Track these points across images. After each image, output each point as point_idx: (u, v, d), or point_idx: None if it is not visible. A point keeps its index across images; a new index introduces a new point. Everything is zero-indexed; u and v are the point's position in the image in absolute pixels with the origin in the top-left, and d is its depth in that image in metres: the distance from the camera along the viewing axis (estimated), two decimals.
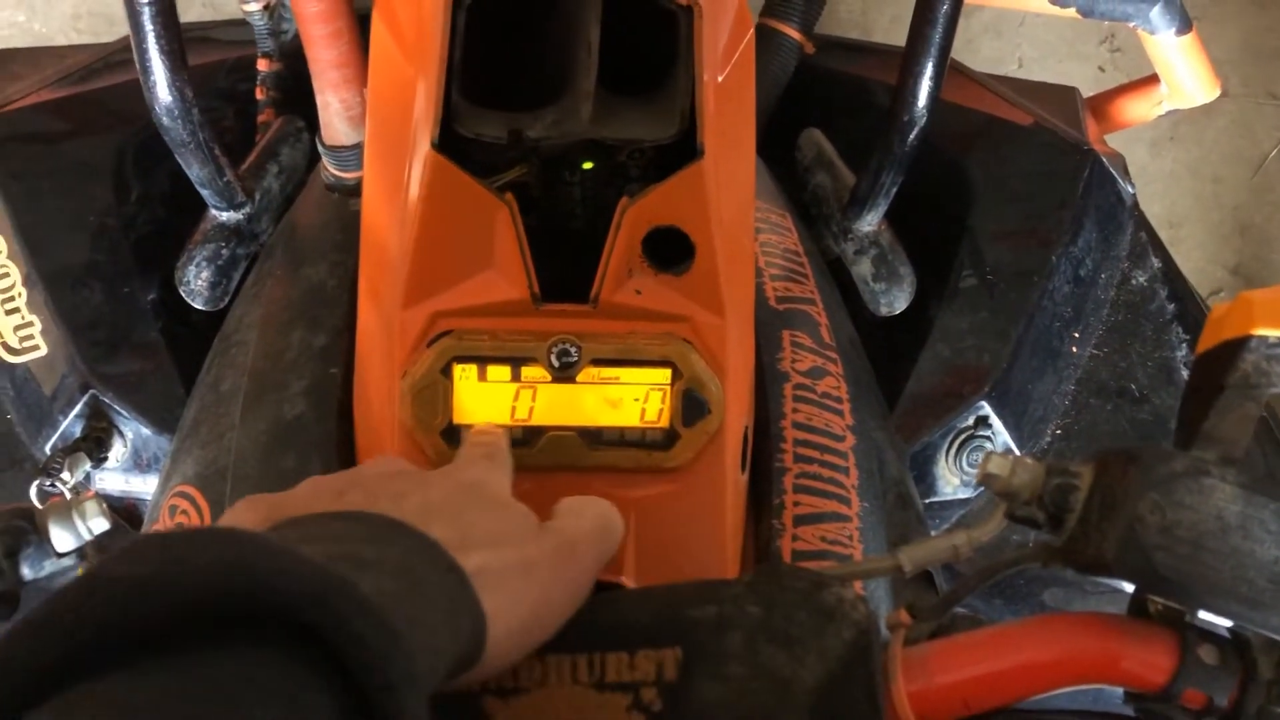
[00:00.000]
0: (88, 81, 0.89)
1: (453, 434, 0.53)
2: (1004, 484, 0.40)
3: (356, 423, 0.63)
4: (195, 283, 0.79)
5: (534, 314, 0.53)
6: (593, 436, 0.54)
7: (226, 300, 0.80)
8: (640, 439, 0.54)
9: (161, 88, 0.68)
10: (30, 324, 0.78)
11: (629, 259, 0.52)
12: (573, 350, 0.52)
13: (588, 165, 0.54)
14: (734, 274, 0.54)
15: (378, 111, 0.55)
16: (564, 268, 0.55)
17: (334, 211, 0.74)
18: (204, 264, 0.79)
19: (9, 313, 0.78)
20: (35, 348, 0.78)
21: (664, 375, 0.53)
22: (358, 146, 0.73)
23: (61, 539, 0.37)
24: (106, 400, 0.76)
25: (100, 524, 0.38)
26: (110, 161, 0.85)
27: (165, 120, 0.69)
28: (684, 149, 0.52)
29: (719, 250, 0.52)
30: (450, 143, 0.49)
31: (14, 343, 0.78)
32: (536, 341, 0.52)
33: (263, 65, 0.88)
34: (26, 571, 0.37)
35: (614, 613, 0.41)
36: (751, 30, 0.54)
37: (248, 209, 0.79)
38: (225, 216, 0.79)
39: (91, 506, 0.38)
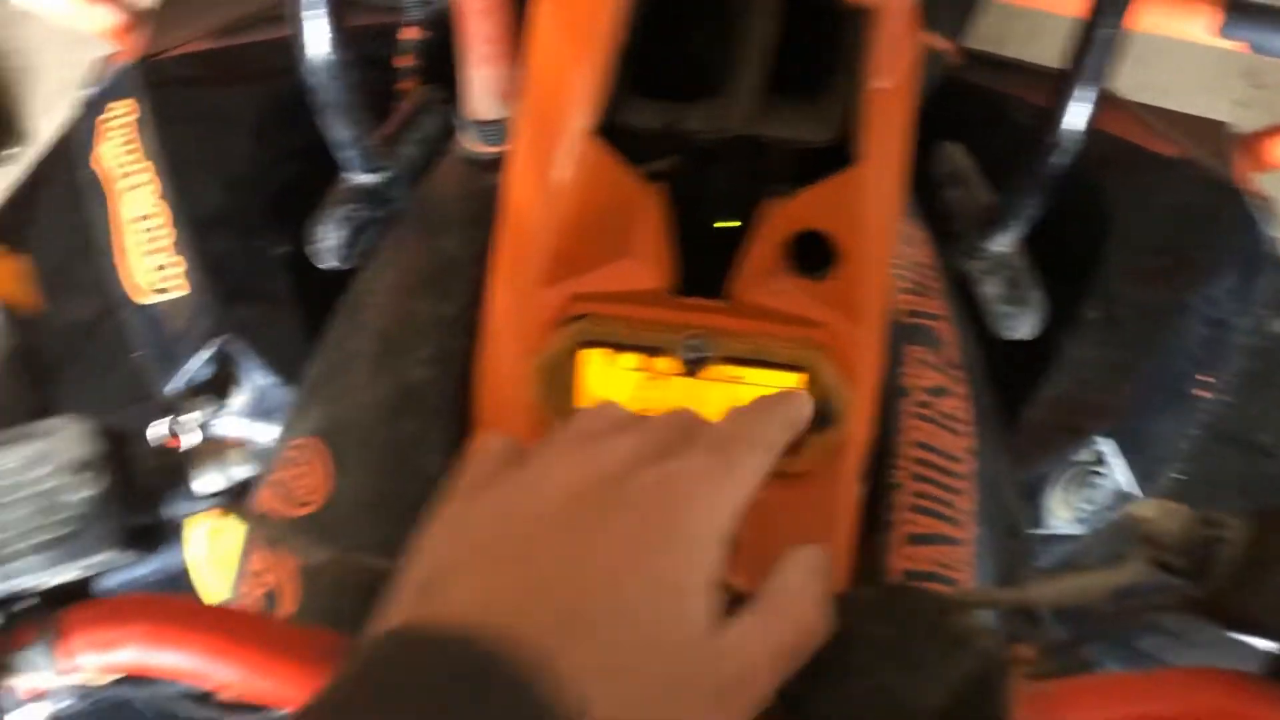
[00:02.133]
0: (240, 34, 0.91)
1: None
2: (1153, 529, 0.39)
3: (479, 395, 0.63)
4: (326, 241, 0.80)
5: (668, 305, 0.53)
6: None
7: (354, 261, 0.82)
8: None
9: (316, 46, 0.69)
10: (173, 265, 0.80)
11: (769, 259, 0.52)
12: (705, 345, 0.52)
13: (733, 163, 0.53)
14: (874, 284, 0.53)
15: (533, 90, 0.56)
16: (699, 262, 0.54)
17: (470, 185, 0.75)
18: (337, 224, 0.80)
19: (153, 252, 0.80)
20: (174, 289, 0.80)
21: (794, 379, 0.53)
22: (500, 122, 0.73)
23: (207, 482, 0.38)
24: (235, 347, 0.79)
25: (243, 471, 0.39)
26: (252, 115, 0.87)
27: (316, 79, 0.70)
28: (836, 153, 0.51)
29: (864, 259, 0.52)
30: (605, 128, 0.50)
31: (155, 282, 0.81)
32: (670, 333, 0.52)
33: (409, 33, 0.90)
34: (168, 510, 0.38)
35: None
36: (918, 38, 0.53)
37: (384, 174, 0.81)
38: (361, 179, 0.80)
39: (238, 454, 0.39)
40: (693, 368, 0.53)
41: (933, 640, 0.39)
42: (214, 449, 0.39)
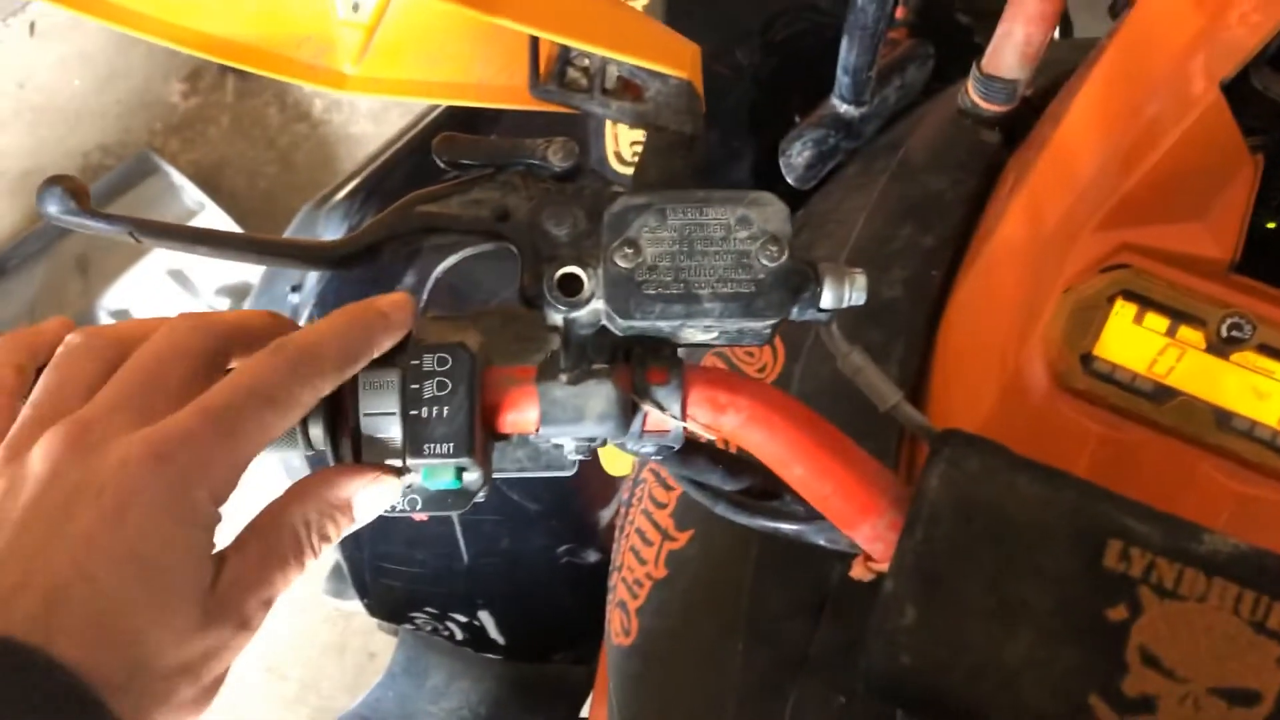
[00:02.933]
0: None
1: (1089, 361, 0.54)
2: None
3: (953, 321, 0.66)
4: (796, 159, 0.84)
5: (1220, 280, 0.53)
6: (1223, 418, 0.53)
7: (813, 184, 0.86)
8: (1271, 440, 0.53)
9: None
10: None
11: None
12: (1247, 328, 0.52)
13: None
14: None
15: (1133, 46, 0.57)
16: (1256, 248, 0.54)
17: (962, 134, 0.77)
18: (810, 144, 0.84)
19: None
20: None
21: None
22: (1014, 83, 0.75)
23: (828, 297, 0.42)
24: None
25: (860, 298, 0.43)
26: (760, 22, 0.92)
27: (864, 1, 0.74)
28: None
29: None
30: (1229, 88, 0.50)
31: (630, 155, 0.87)
32: (1212, 306, 0.52)
33: None
34: (796, 311, 0.42)
35: None
36: None
37: (865, 108, 0.84)
38: (844, 109, 0.84)
39: (860, 280, 0.43)
40: (1224, 347, 0.53)
41: None
42: (840, 270, 0.43)
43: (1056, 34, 1.15)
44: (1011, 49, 0.74)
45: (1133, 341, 0.54)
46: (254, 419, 0.36)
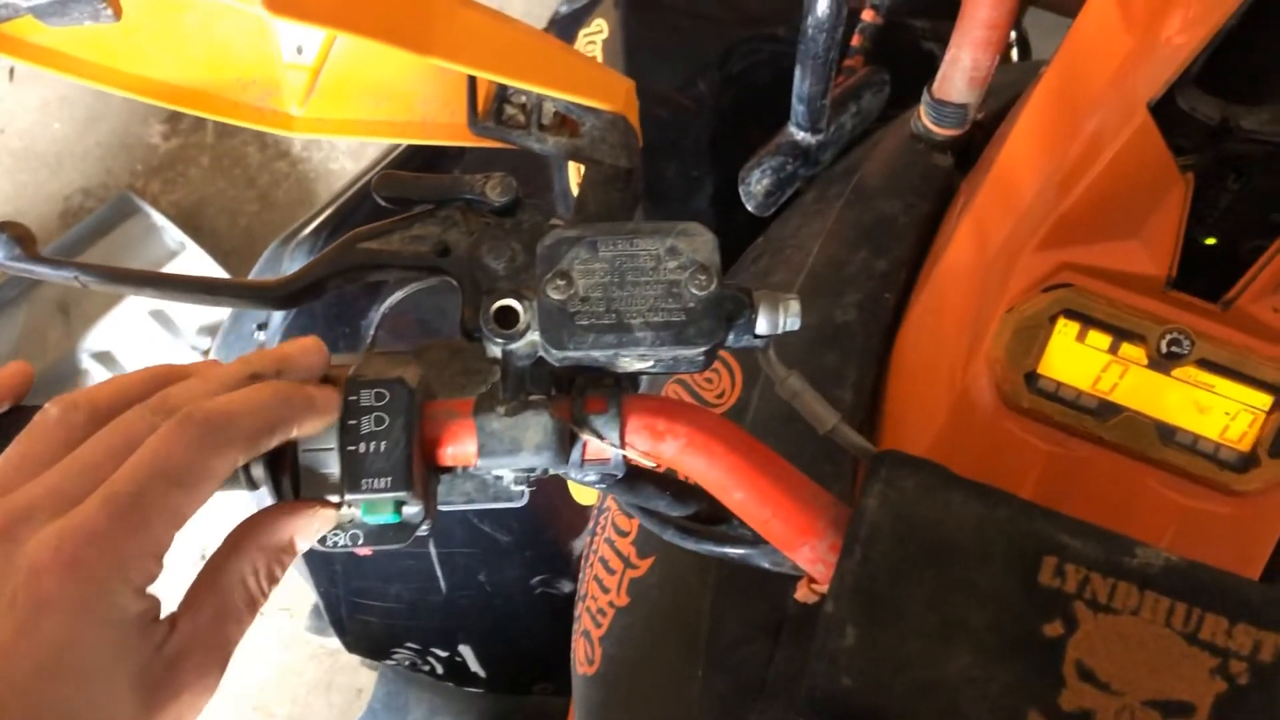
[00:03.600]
0: None
1: (1033, 380, 0.55)
2: None
3: (905, 343, 0.66)
4: (755, 186, 0.85)
5: (1158, 296, 0.54)
6: (1166, 433, 0.54)
7: (772, 211, 0.87)
8: (1213, 452, 0.54)
9: (823, 1, 0.74)
10: None
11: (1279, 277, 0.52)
12: (1185, 343, 0.53)
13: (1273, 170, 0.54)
14: None
15: (1069, 69, 0.58)
16: (1191, 263, 0.55)
17: (916, 159, 0.78)
18: (769, 172, 0.85)
19: None
20: None
21: (1265, 400, 0.53)
22: (963, 107, 0.76)
23: (763, 324, 0.43)
24: None
25: (795, 323, 0.43)
26: (715, 58, 0.94)
27: (813, 31, 0.75)
28: None
29: None
30: (1156, 109, 0.51)
31: None
32: (1151, 323, 0.53)
33: (867, 16, 0.94)
34: (732, 338, 0.43)
35: (1221, 580, 0.41)
36: None
37: (822, 136, 0.85)
38: (801, 137, 0.85)
39: (794, 305, 0.43)
40: (1164, 363, 0.54)
41: None
42: (774, 297, 0.43)
43: (1015, 55, 1.16)
44: (959, 74, 0.75)
45: (1076, 359, 0.55)
46: (160, 504, 0.34)
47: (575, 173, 0.92)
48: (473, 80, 0.47)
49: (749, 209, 0.87)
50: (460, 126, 0.49)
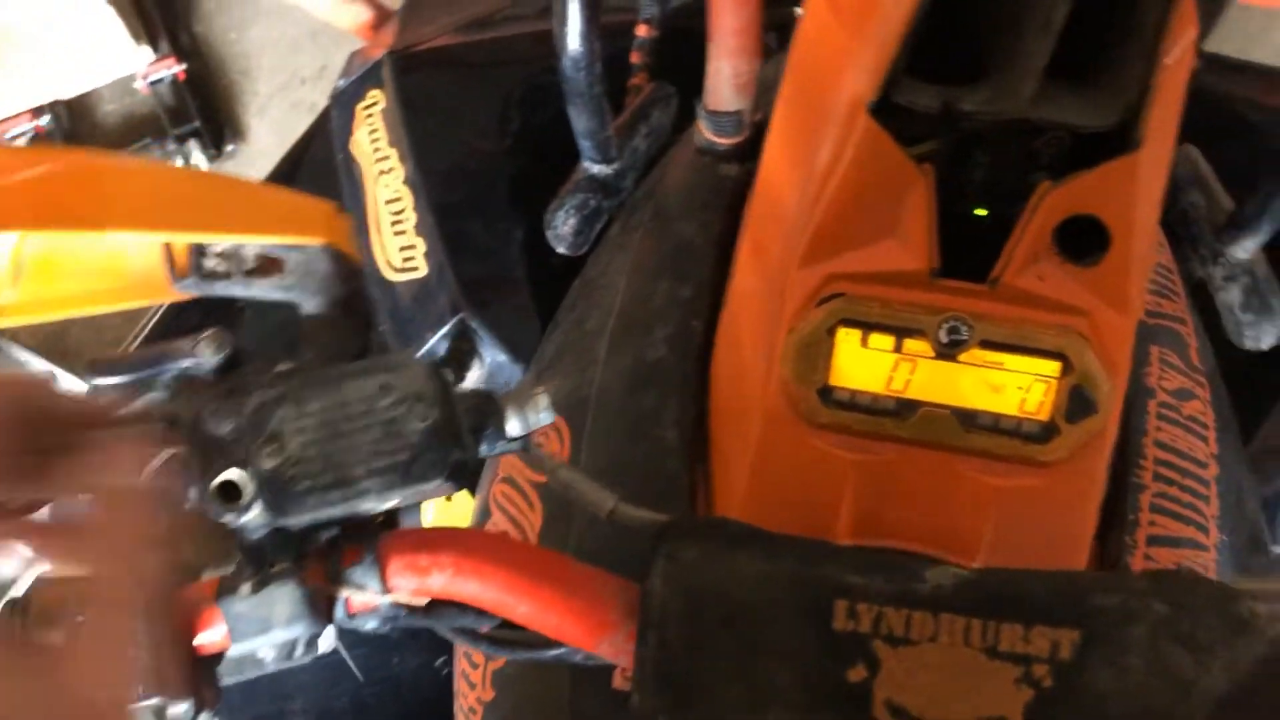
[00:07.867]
0: (486, 30, 0.96)
1: (828, 393, 0.54)
2: None
3: (718, 372, 0.65)
4: (562, 228, 0.84)
5: (928, 288, 0.53)
6: (967, 419, 0.54)
7: (586, 248, 0.85)
8: (1015, 428, 0.54)
9: (574, 40, 0.72)
10: (414, 246, 0.85)
11: (1038, 245, 0.52)
12: (964, 329, 0.53)
13: (1005, 146, 0.53)
14: (1140, 274, 0.53)
15: (799, 74, 0.57)
16: (956, 246, 0.55)
17: (704, 173, 0.77)
18: (572, 211, 0.84)
19: (398, 233, 0.86)
20: (416, 269, 0.85)
21: (1053, 367, 0.52)
22: (738, 114, 0.75)
23: (514, 425, 0.41)
24: (474, 325, 0.83)
25: (548, 417, 0.42)
26: (497, 106, 0.92)
27: (570, 70, 0.73)
28: (1108, 139, 0.51)
29: (1132, 247, 0.51)
30: (877, 107, 0.50)
31: (397, 262, 0.86)
32: (927, 315, 0.53)
33: (641, 31, 0.93)
34: (484, 448, 0.41)
35: (1011, 585, 0.41)
36: (1195, 23, 0.52)
37: (617, 164, 0.84)
38: (596, 169, 0.84)
39: (543, 400, 0.42)
40: (949, 351, 0.53)
41: (1215, 622, 0.39)
42: (521, 395, 0.42)
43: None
44: (724, 83, 0.74)
45: (864, 365, 0.54)
46: None
47: (380, 249, 0.89)
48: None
49: (560, 251, 0.86)
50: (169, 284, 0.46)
